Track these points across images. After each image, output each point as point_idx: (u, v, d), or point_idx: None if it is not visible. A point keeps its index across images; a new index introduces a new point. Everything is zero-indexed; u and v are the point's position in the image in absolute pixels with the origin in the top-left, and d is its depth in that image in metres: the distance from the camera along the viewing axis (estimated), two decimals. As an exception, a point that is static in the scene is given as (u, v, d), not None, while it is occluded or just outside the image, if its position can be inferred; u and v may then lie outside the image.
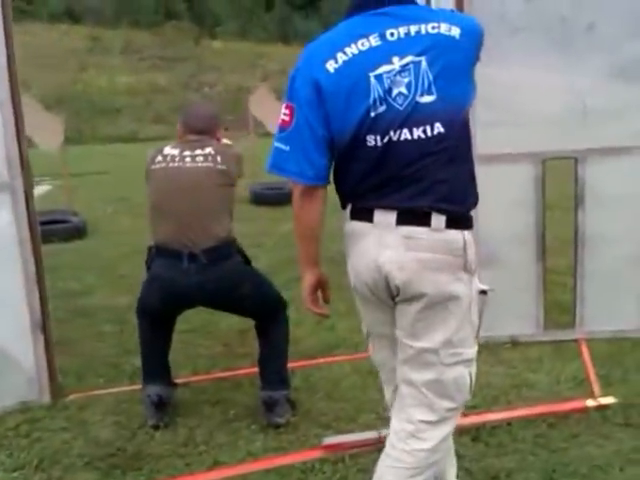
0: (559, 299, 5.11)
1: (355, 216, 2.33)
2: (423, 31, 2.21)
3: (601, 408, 3.68)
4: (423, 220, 2.22)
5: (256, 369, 3.92)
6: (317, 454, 3.39)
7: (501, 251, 4.45)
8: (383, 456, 2.46)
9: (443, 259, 2.24)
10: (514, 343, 4.56)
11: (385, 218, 2.25)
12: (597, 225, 4.49)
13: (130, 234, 8.58)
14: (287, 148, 2.31)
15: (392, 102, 2.20)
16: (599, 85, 4.38)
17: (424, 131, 2.20)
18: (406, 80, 2.19)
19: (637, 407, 3.68)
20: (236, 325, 5.06)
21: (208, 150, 3.66)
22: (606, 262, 4.53)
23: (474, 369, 2.39)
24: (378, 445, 3.27)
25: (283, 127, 2.32)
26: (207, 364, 4.62)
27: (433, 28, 2.22)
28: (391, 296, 2.33)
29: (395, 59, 2.20)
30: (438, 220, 2.22)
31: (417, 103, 2.19)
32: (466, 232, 2.28)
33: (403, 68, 2.19)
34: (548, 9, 4.31)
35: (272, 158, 2.36)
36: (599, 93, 4.38)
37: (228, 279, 3.62)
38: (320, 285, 2.56)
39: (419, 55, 2.19)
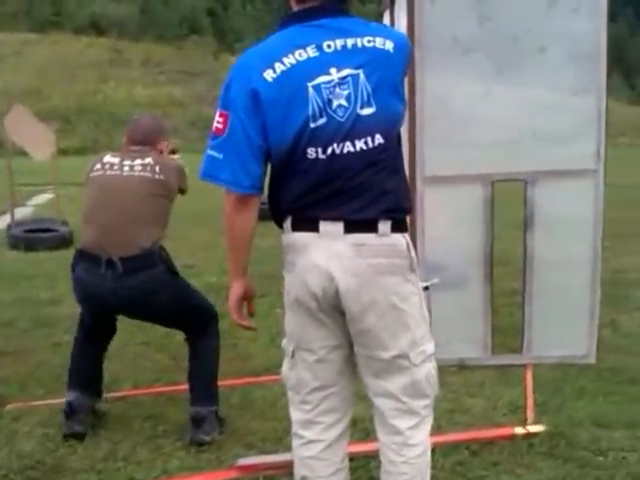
0: (509, 322, 5.00)
1: (298, 227, 2.29)
2: (359, 44, 2.22)
3: (529, 436, 3.56)
4: (370, 227, 2.23)
5: None
6: (232, 475, 3.31)
7: (449, 273, 4.36)
8: (385, 476, 2.47)
9: (392, 262, 2.26)
10: (460, 367, 4.45)
11: (332, 228, 2.23)
12: (546, 248, 4.40)
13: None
14: (221, 156, 2.27)
15: (332, 114, 2.18)
16: (549, 108, 4.29)
17: (366, 142, 2.20)
18: (345, 92, 2.19)
19: (565, 437, 3.56)
20: None
21: (148, 160, 3.61)
22: (555, 286, 4.43)
23: (435, 362, 2.41)
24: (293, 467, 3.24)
25: (216, 135, 2.28)
26: (150, 378, 4.54)
27: (369, 42, 2.23)
28: (339, 309, 2.29)
29: (333, 70, 2.19)
30: (384, 226, 2.24)
31: (358, 115, 2.19)
32: (406, 234, 2.32)
33: (342, 80, 2.19)
34: (500, 31, 4.23)
35: (205, 166, 2.32)
36: (549, 116, 4.28)
37: (143, 288, 3.50)
38: (246, 297, 2.53)
39: (357, 68, 2.19)
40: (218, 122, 2.27)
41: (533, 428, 3.62)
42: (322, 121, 2.18)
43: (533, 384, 4.16)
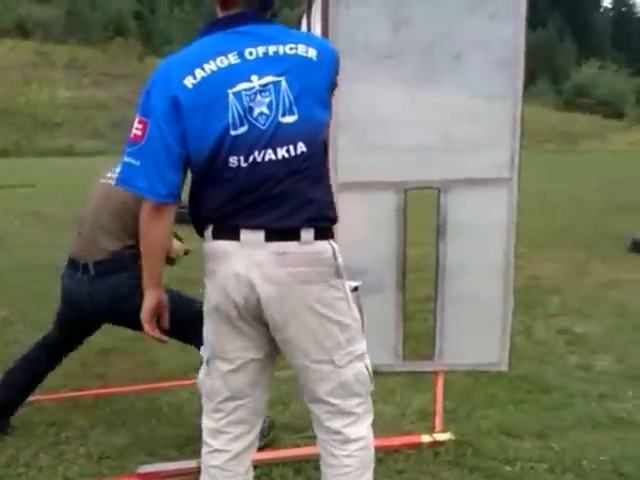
0: (423, 329, 4.97)
1: (218, 235, 2.24)
2: (281, 52, 2.21)
3: (435, 444, 3.52)
4: (292, 235, 2.20)
5: (105, 390, 3.91)
6: (132, 482, 3.20)
7: (365, 279, 4.28)
8: (325, 469, 2.44)
9: (315, 270, 2.23)
10: (373, 373, 4.39)
11: (253, 236, 2.19)
12: (459, 256, 4.35)
13: (33, 248, 8.37)
14: (137, 163, 2.22)
15: (254, 122, 2.15)
16: (464, 115, 4.25)
17: (287, 150, 2.17)
18: (267, 100, 2.16)
19: (472, 446, 3.53)
20: (98, 344, 4.86)
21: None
22: (468, 293, 4.39)
23: (368, 360, 2.45)
24: (195, 475, 3.12)
25: (134, 142, 2.21)
26: (58, 383, 4.36)
27: (291, 49, 2.22)
28: (261, 319, 2.26)
29: (254, 77, 2.17)
30: (307, 234, 2.21)
31: (280, 123, 2.17)
32: (331, 240, 2.28)
33: (263, 88, 2.16)
34: (415, 38, 4.18)
35: (121, 173, 2.27)
36: (464, 123, 4.25)
37: (114, 293, 3.44)
38: (159, 309, 2.45)
39: (279, 75, 2.18)
40: (137, 129, 2.21)
41: (440, 436, 3.58)
42: (243, 129, 2.16)
43: (444, 391, 4.11)
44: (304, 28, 5.22)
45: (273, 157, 2.17)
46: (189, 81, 2.16)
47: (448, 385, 4.20)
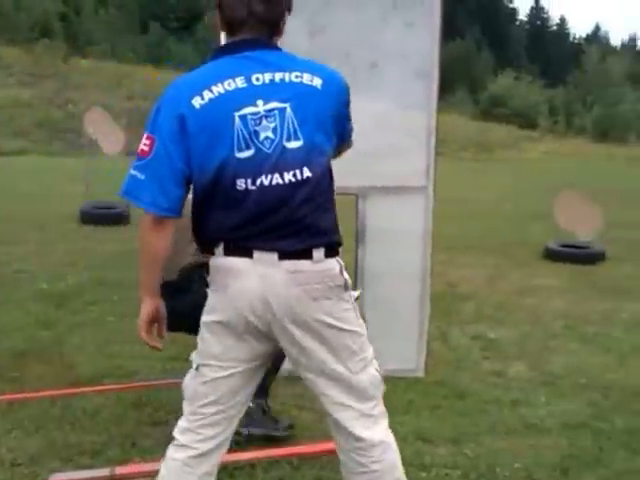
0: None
1: (230, 253, 2.26)
2: (287, 79, 2.25)
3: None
4: (305, 255, 2.24)
5: (20, 395, 3.85)
6: (43, 491, 3.07)
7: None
8: (358, 477, 2.47)
9: (326, 287, 2.27)
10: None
11: (266, 256, 2.23)
12: (376, 262, 4.38)
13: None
14: (142, 177, 2.24)
15: (260, 145, 2.20)
16: (380, 124, 4.27)
17: (294, 175, 2.21)
18: (272, 125, 2.20)
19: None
20: (13, 348, 4.84)
21: None
22: (385, 299, 4.42)
23: (377, 363, 2.47)
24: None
25: (141, 156, 2.25)
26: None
27: (296, 77, 2.27)
28: (268, 333, 2.31)
29: (260, 102, 2.21)
30: (318, 253, 2.25)
31: (284, 148, 2.21)
32: (338, 258, 2.33)
33: (269, 113, 2.21)
34: (332, 46, 4.17)
35: (126, 185, 2.28)
36: (380, 132, 4.27)
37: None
38: (157, 317, 2.47)
39: (284, 102, 2.22)
40: (145, 144, 2.25)
41: (358, 443, 3.56)
42: (249, 152, 2.19)
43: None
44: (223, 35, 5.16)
45: (280, 181, 2.20)
46: (197, 101, 2.20)
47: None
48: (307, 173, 2.23)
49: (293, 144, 2.21)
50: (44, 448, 3.48)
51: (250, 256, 2.23)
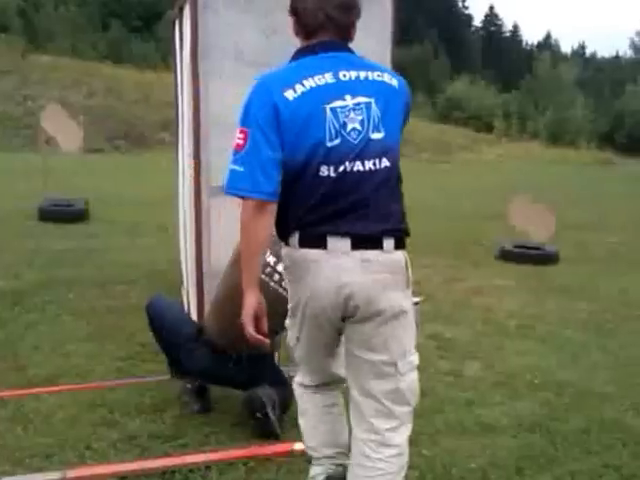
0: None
1: (305, 244, 2.36)
2: (370, 77, 2.42)
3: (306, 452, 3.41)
4: (376, 244, 2.34)
5: None
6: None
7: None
8: (357, 469, 2.52)
9: (394, 278, 2.38)
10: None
11: (340, 244, 2.32)
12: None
13: None
14: (241, 169, 2.32)
15: (347, 136, 2.33)
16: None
17: (374, 164, 2.35)
18: (359, 118, 2.35)
19: (345, 452, 3.46)
20: None
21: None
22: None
23: (417, 372, 2.53)
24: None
25: (237, 150, 2.34)
26: None
27: (378, 76, 2.45)
28: (343, 317, 2.41)
29: (348, 97, 2.35)
30: (388, 243, 2.36)
31: (369, 139, 2.35)
32: (404, 252, 2.43)
33: (356, 106, 2.35)
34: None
35: (229, 181, 2.36)
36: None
37: None
38: (260, 310, 2.46)
39: (369, 97, 2.38)
40: (239, 138, 2.34)
41: (312, 444, 3.48)
42: (337, 142, 2.33)
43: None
44: (177, 33, 5.04)
45: (361, 168, 2.34)
46: (290, 94, 2.32)
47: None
48: (385, 162, 2.38)
49: (376, 135, 2.37)
50: (-4, 450, 3.33)
51: (324, 246, 2.33)
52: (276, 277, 3.49)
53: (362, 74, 2.42)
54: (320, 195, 2.32)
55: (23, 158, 17.12)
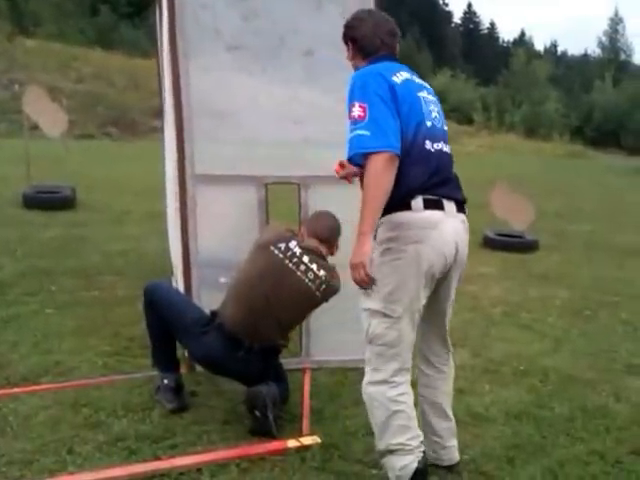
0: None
1: (428, 206, 2.64)
2: (423, 82, 2.88)
3: (302, 449, 3.22)
4: (463, 209, 2.81)
5: None
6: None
7: (222, 274, 3.91)
8: (427, 379, 3.04)
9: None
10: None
11: (451, 207, 2.71)
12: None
13: None
14: (368, 133, 2.53)
15: (433, 121, 2.76)
16: (319, 112, 3.99)
17: (448, 147, 2.82)
18: (435, 109, 2.81)
19: (339, 449, 3.27)
20: None
21: (322, 273, 3.50)
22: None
23: None
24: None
25: (359, 120, 2.56)
26: None
27: (424, 81, 2.91)
28: (446, 270, 2.76)
29: (423, 92, 2.80)
30: (465, 209, 2.82)
31: (442, 127, 2.83)
32: None
33: (430, 101, 2.80)
34: (266, 30, 3.85)
35: (356, 145, 2.56)
36: (319, 120, 3.99)
37: (262, 373, 3.52)
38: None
39: (432, 95, 2.85)
40: (359, 111, 2.57)
41: (307, 440, 3.28)
42: (429, 124, 2.73)
43: (310, 390, 3.83)
44: (157, 19, 4.79)
45: (444, 149, 2.78)
46: (396, 79, 2.67)
47: (315, 384, 3.94)
48: (447, 147, 2.82)
49: (441, 124, 2.83)
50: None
51: (442, 208, 2.67)
52: (302, 268, 3.45)
53: (418, 79, 2.85)
54: (431, 165, 2.67)
55: (9, 143, 16.49)
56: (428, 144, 2.67)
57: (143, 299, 3.59)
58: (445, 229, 2.66)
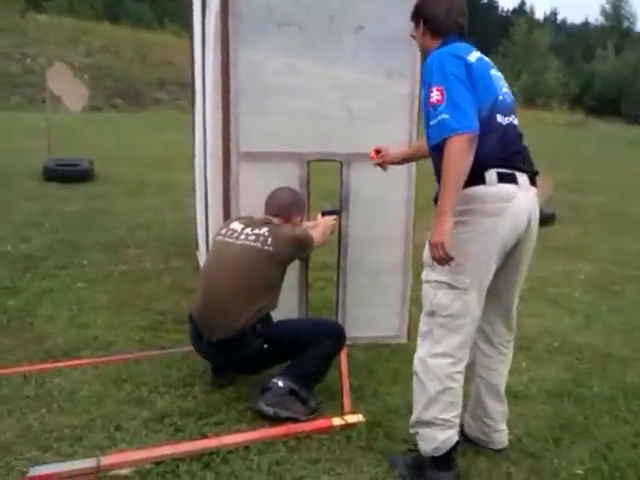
0: (321, 298, 4.62)
1: (502, 179, 2.62)
2: (488, 59, 2.81)
3: (347, 427, 3.13)
4: (535, 182, 2.74)
5: None
6: (22, 486, 2.57)
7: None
8: (487, 361, 2.97)
9: None
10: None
11: (524, 180, 2.67)
12: (360, 229, 4.01)
13: None
14: (447, 116, 2.49)
15: (504, 95, 2.72)
16: (364, 89, 3.87)
17: (515, 119, 2.76)
18: (505, 84, 2.78)
19: (383, 427, 3.18)
20: None
21: (263, 230, 3.38)
22: (368, 266, 4.07)
23: None
24: (95, 475, 2.62)
25: (437, 104, 2.53)
26: None
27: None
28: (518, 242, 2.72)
29: (494, 70, 2.76)
30: (536, 182, 2.76)
31: (511, 100, 2.78)
32: None
33: (497, 76, 2.76)
34: (316, 7, 3.72)
35: (440, 130, 2.52)
36: (364, 97, 3.86)
37: (240, 361, 3.36)
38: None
39: (498, 72, 2.80)
40: (436, 95, 2.53)
41: (351, 418, 3.20)
42: (501, 97, 2.70)
43: (348, 367, 3.74)
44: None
45: (514, 122, 2.74)
46: (471, 58, 2.65)
47: (350, 361, 3.83)
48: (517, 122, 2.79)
49: (512, 100, 2.79)
50: (19, 434, 2.97)
51: (515, 182, 2.64)
52: (242, 237, 3.38)
53: (485, 57, 2.79)
54: (504, 139, 2.65)
55: (23, 117, 16.39)
56: (500, 118, 2.65)
57: None
58: (519, 202, 2.63)
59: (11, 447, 2.86)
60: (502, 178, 2.62)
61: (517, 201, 2.63)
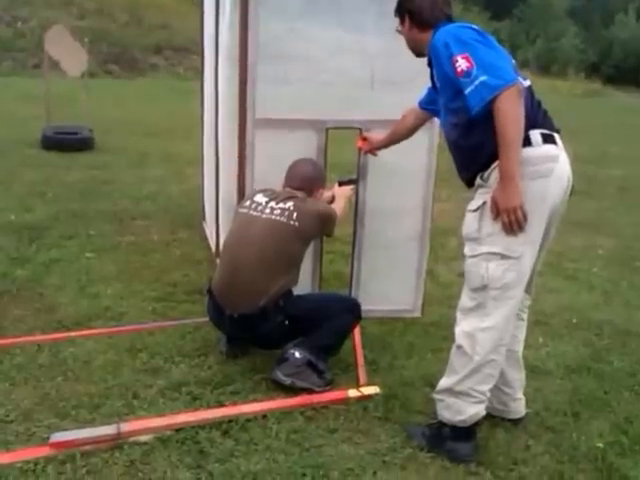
0: (331, 271, 4.72)
1: (546, 140, 2.66)
2: None
3: (363, 399, 3.27)
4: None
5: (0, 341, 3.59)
6: (43, 452, 2.72)
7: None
8: (510, 326, 2.83)
9: None
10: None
11: (560, 141, 2.71)
12: (377, 199, 4.10)
13: None
14: (484, 77, 2.48)
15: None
16: (384, 55, 3.91)
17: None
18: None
19: (399, 398, 3.32)
20: None
21: (289, 205, 3.46)
22: (384, 238, 4.16)
23: None
24: (115, 442, 2.77)
25: (469, 69, 2.52)
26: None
27: None
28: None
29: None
30: None
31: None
32: None
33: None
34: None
35: (480, 92, 2.50)
36: (384, 63, 3.92)
37: (261, 337, 3.47)
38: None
39: None
40: (463, 62, 2.53)
41: (367, 390, 3.34)
42: (514, 62, 2.69)
43: (362, 340, 3.86)
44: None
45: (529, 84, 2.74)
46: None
47: (365, 333, 3.95)
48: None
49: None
50: (36, 401, 3.09)
51: (555, 142, 2.69)
52: (267, 210, 3.47)
53: None
54: (533, 100, 2.71)
55: (15, 83, 16.37)
56: (525, 82, 2.67)
57: None
58: (564, 163, 2.69)
59: (30, 414, 2.99)
60: (545, 139, 2.66)
61: (562, 162, 2.68)
